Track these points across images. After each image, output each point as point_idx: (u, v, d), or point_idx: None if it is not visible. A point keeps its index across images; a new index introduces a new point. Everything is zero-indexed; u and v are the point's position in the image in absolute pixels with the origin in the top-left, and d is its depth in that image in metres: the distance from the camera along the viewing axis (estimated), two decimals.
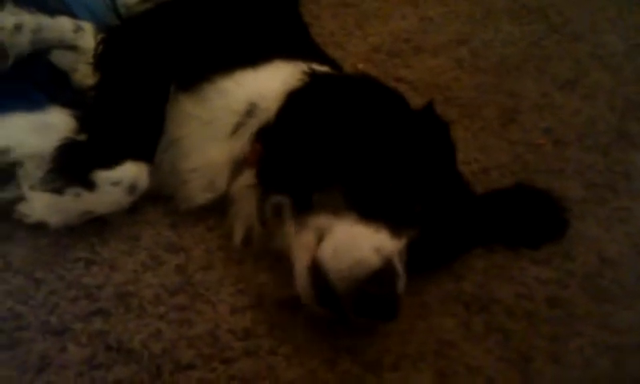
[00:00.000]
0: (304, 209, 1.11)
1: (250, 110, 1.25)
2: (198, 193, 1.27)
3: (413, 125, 1.17)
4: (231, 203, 1.26)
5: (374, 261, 0.99)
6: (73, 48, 1.56)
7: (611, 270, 1.28)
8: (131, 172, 1.19)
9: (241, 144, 1.24)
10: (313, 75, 1.26)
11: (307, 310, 1.08)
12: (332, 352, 1.08)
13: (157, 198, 1.29)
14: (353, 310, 1.00)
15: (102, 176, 1.17)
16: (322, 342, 1.09)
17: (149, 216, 1.28)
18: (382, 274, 0.99)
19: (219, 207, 1.27)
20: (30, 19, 1.47)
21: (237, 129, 1.25)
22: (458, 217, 1.15)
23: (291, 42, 1.53)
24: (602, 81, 1.92)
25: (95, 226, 1.22)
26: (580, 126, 1.71)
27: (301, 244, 1.09)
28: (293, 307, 1.11)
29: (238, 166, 1.25)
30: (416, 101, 1.28)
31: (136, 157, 1.21)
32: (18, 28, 1.43)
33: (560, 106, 1.80)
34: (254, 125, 1.24)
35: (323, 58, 1.54)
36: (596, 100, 1.84)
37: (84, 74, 1.48)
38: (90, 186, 1.16)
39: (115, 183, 1.18)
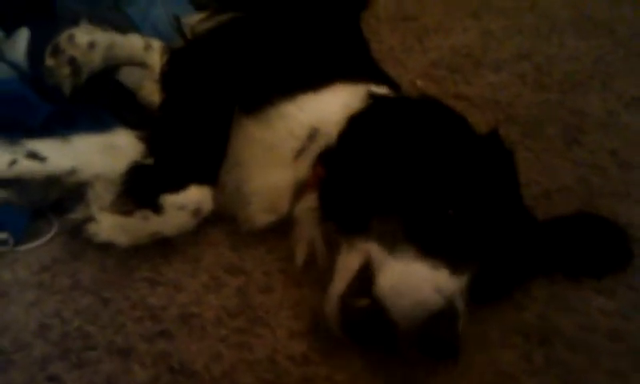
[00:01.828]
0: (357, 233, 1.12)
1: (312, 135, 1.26)
2: (260, 215, 1.29)
3: (477, 154, 1.16)
4: (293, 226, 1.27)
5: (436, 302, 1.00)
6: (141, 65, 1.61)
7: None
8: (196, 196, 1.23)
9: (303, 168, 1.26)
10: (374, 99, 1.27)
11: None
12: (388, 381, 1.08)
13: (218, 220, 1.32)
14: (414, 348, 1.01)
15: (169, 200, 1.21)
16: (378, 371, 1.09)
17: (211, 237, 1.31)
18: (444, 316, 0.99)
19: (280, 229, 1.29)
20: (103, 37, 1.52)
21: (299, 153, 1.27)
22: (520, 246, 1.14)
23: (351, 63, 1.54)
24: None
25: (159, 247, 1.25)
26: None
27: (343, 267, 1.11)
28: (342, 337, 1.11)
29: (300, 190, 1.26)
30: (476, 118, 1.28)
31: (200, 180, 1.24)
32: (91, 45, 1.48)
33: (626, 125, 1.75)
34: (315, 149, 1.25)
35: (383, 78, 1.54)
36: None
37: (150, 92, 1.53)
38: (157, 209, 1.20)
39: (181, 207, 1.22)
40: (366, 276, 1.07)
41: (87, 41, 1.48)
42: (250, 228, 1.30)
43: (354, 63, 1.57)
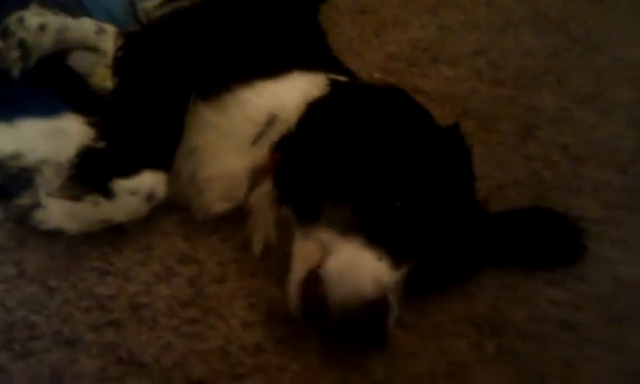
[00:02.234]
0: (311, 220, 1.11)
1: (270, 121, 1.25)
2: (216, 202, 1.27)
3: (433, 147, 1.16)
4: (249, 213, 1.26)
5: (371, 291, 1.01)
6: (93, 49, 1.57)
7: (626, 294, 1.26)
8: (149, 181, 1.20)
9: (261, 154, 1.24)
10: (334, 85, 1.26)
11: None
12: (342, 370, 1.08)
13: (171, 209, 1.29)
14: (342, 334, 1.02)
15: (120, 185, 1.18)
16: (332, 359, 1.09)
17: (163, 226, 1.28)
18: (375, 306, 1.01)
19: (234, 218, 1.27)
20: (54, 20, 1.49)
21: (257, 139, 1.25)
22: (470, 238, 1.15)
23: (309, 53, 1.53)
24: (621, 96, 1.90)
25: (109, 236, 1.23)
26: (598, 143, 1.69)
27: (301, 254, 1.11)
28: (304, 323, 1.11)
29: (257, 176, 1.25)
30: (433, 111, 1.27)
31: (154, 166, 1.21)
32: (42, 28, 1.45)
33: (578, 121, 1.78)
34: (274, 135, 1.24)
35: (341, 69, 1.53)
36: (615, 116, 1.82)
37: (102, 77, 1.49)
38: (108, 194, 1.17)
39: (133, 192, 1.19)
40: (320, 263, 1.06)
41: (38, 23, 1.44)
42: (204, 216, 1.28)
43: (312, 53, 1.56)
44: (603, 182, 1.54)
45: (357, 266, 1.04)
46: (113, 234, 1.23)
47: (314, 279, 1.05)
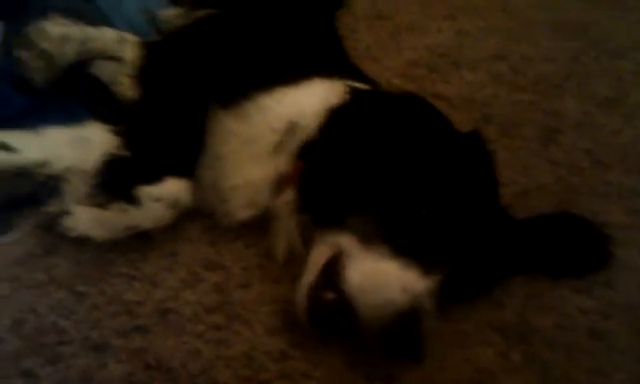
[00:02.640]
0: (334, 228, 1.12)
1: (291, 128, 1.25)
2: (239, 209, 1.28)
3: (456, 154, 1.16)
4: (273, 220, 1.26)
5: (402, 301, 1.01)
6: (114, 59, 1.58)
7: None
8: (173, 188, 1.21)
9: (282, 161, 1.25)
10: (353, 92, 1.27)
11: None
12: (367, 378, 1.08)
13: (196, 215, 1.30)
14: (378, 346, 1.02)
15: (146, 192, 1.19)
16: (357, 367, 1.09)
17: (188, 233, 1.30)
18: (409, 316, 1.00)
19: (258, 225, 1.28)
20: (76, 30, 1.49)
21: (278, 147, 1.25)
22: (497, 246, 1.14)
23: (328, 60, 1.54)
24: None
25: (136, 242, 1.24)
26: (621, 147, 1.68)
27: (314, 258, 1.12)
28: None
29: (279, 184, 1.25)
30: (454, 117, 1.27)
31: (177, 173, 1.22)
32: (64, 38, 1.45)
33: (601, 125, 1.77)
34: (294, 142, 1.24)
35: (360, 75, 1.53)
36: (638, 120, 1.81)
37: (126, 87, 1.50)
38: (134, 201, 1.18)
39: (158, 199, 1.20)
40: (334, 269, 1.07)
41: (59, 33, 1.45)
42: (229, 223, 1.29)
43: (331, 60, 1.57)
44: (628, 188, 1.53)
45: (381, 275, 1.04)
46: (139, 241, 1.24)
47: (327, 283, 1.06)
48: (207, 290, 1.20)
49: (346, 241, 1.09)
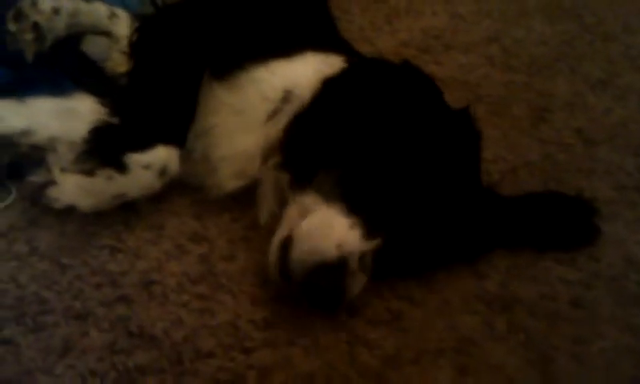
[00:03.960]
0: (303, 186, 1.13)
1: (286, 97, 1.26)
2: (229, 180, 1.28)
3: (438, 127, 1.16)
4: (259, 185, 1.27)
5: (330, 255, 1.02)
6: (106, 34, 1.58)
7: (637, 273, 1.25)
8: (162, 156, 1.21)
9: (275, 130, 1.25)
10: (350, 63, 1.28)
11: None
12: (351, 345, 1.08)
13: (183, 188, 1.30)
14: (300, 293, 1.06)
15: (134, 159, 1.18)
16: (340, 334, 1.09)
17: (174, 206, 1.30)
18: (332, 268, 1.02)
19: (245, 198, 1.28)
20: (68, 3, 1.49)
21: (272, 115, 1.26)
22: (471, 220, 1.15)
23: (321, 35, 1.54)
24: (634, 81, 1.90)
25: (121, 214, 1.24)
26: (611, 127, 1.68)
27: (286, 217, 1.13)
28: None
29: (268, 152, 1.26)
30: (446, 97, 1.27)
31: (167, 141, 1.22)
32: (55, 11, 1.45)
33: (591, 105, 1.77)
34: (289, 111, 1.25)
35: (352, 51, 1.53)
36: (628, 101, 1.82)
37: (116, 62, 1.50)
38: (122, 168, 1.18)
39: (146, 166, 1.19)
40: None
41: (51, 6, 1.44)
42: (218, 194, 1.28)
43: (324, 36, 1.56)
44: (616, 164, 1.53)
45: (322, 229, 1.06)
46: (125, 213, 1.24)
47: (288, 240, 1.07)
48: (192, 261, 1.19)
49: (310, 199, 1.11)
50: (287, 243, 1.07)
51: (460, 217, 1.13)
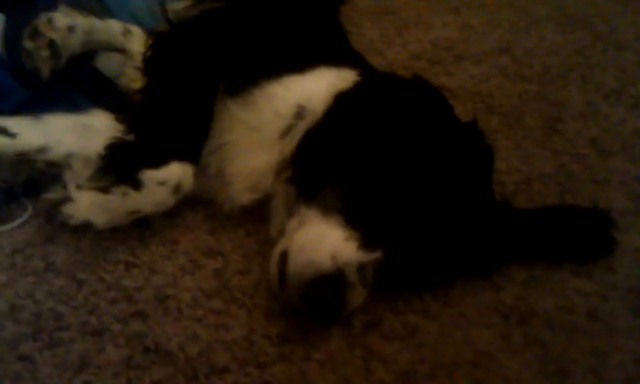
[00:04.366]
0: (309, 199, 1.13)
1: (300, 113, 1.26)
2: (242, 194, 1.28)
3: (446, 142, 1.15)
4: (272, 199, 1.27)
5: (325, 266, 1.02)
6: (120, 51, 1.59)
7: None
8: (177, 172, 1.22)
9: (290, 146, 1.25)
10: (363, 76, 1.28)
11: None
12: (366, 360, 1.07)
13: (197, 204, 1.31)
14: (298, 305, 1.06)
15: (149, 175, 1.19)
16: (355, 349, 1.09)
17: (188, 221, 1.31)
18: (328, 280, 1.02)
19: (259, 213, 1.28)
20: (83, 21, 1.51)
21: (287, 132, 1.26)
22: (481, 233, 1.14)
23: (334, 50, 1.55)
24: None
25: (136, 230, 1.25)
26: (626, 136, 1.67)
27: (287, 230, 1.14)
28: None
29: (283, 166, 1.26)
30: (458, 108, 1.27)
31: (182, 158, 1.23)
32: (70, 29, 1.47)
33: (605, 115, 1.76)
34: (303, 127, 1.25)
35: (364, 65, 1.54)
36: None
37: (131, 78, 1.52)
38: (136, 185, 1.19)
39: (161, 183, 1.21)
40: None
41: (66, 24, 1.46)
42: (231, 208, 1.29)
43: (336, 50, 1.57)
44: (632, 175, 1.51)
45: (319, 241, 1.06)
46: (139, 229, 1.25)
47: (285, 254, 1.08)
48: (206, 276, 1.20)
49: (311, 212, 1.11)
50: (284, 256, 1.07)
51: (470, 230, 1.12)
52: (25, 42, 1.42)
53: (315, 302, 1.04)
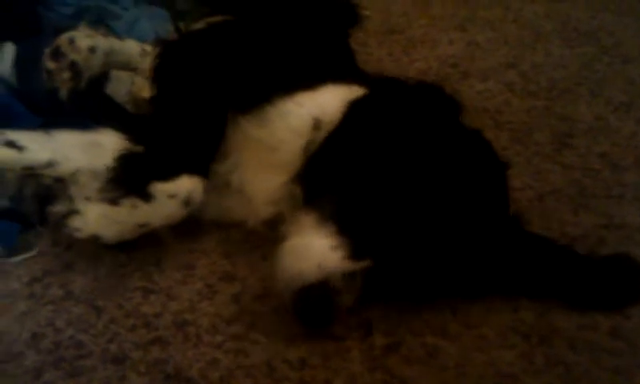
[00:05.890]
0: (311, 206, 1.14)
1: (317, 125, 1.26)
2: (263, 208, 1.29)
3: (440, 155, 1.14)
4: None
5: (310, 275, 1.04)
6: (136, 71, 1.59)
7: None
8: (187, 185, 1.21)
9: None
10: (376, 84, 1.30)
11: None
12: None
13: (211, 227, 1.32)
14: (292, 312, 1.09)
15: (159, 188, 1.19)
16: (376, 373, 1.08)
17: (203, 245, 1.31)
18: (315, 288, 1.04)
19: (274, 236, 1.27)
20: (103, 42, 1.52)
21: (307, 147, 1.25)
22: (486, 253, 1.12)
23: (343, 69, 1.55)
24: None
25: (151, 255, 1.25)
26: (637, 150, 1.67)
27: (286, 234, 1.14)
28: (347, 338, 1.13)
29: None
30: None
31: (192, 171, 1.23)
32: (92, 50, 1.48)
33: (615, 129, 1.76)
34: (320, 138, 1.25)
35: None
36: None
37: (139, 87, 1.51)
38: (146, 197, 1.18)
39: (171, 195, 1.20)
40: None
41: (88, 45, 1.47)
42: (254, 223, 1.30)
43: (346, 70, 1.57)
44: None
45: (307, 249, 1.06)
46: (155, 255, 1.25)
47: None
48: (224, 301, 1.20)
49: (307, 219, 1.11)
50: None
51: (472, 246, 1.10)
52: (46, 63, 1.43)
53: (305, 309, 1.06)
